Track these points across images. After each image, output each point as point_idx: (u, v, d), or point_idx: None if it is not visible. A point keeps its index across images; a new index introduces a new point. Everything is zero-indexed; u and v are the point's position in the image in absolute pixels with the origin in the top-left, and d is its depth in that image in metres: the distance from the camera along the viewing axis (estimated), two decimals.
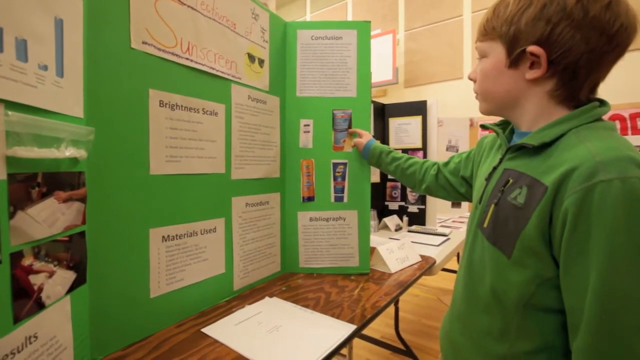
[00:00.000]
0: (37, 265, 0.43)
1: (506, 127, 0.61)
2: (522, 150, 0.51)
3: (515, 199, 0.48)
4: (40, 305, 0.43)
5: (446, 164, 0.88)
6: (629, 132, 3.66)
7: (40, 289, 0.43)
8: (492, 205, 0.53)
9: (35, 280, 0.42)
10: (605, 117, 0.49)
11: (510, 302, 0.49)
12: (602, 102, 0.49)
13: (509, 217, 0.49)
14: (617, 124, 3.71)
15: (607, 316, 0.39)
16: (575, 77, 0.46)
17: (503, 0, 0.52)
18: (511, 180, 0.51)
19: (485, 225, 0.54)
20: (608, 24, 0.43)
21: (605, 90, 0.50)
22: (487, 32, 0.54)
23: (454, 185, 0.83)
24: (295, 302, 0.83)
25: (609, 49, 0.45)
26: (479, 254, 0.55)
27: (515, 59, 0.50)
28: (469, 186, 0.80)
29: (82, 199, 0.51)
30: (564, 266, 0.42)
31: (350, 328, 0.70)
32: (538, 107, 0.50)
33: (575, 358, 0.42)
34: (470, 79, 0.60)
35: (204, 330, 0.69)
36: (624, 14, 0.44)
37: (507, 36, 0.50)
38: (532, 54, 0.47)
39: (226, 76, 0.82)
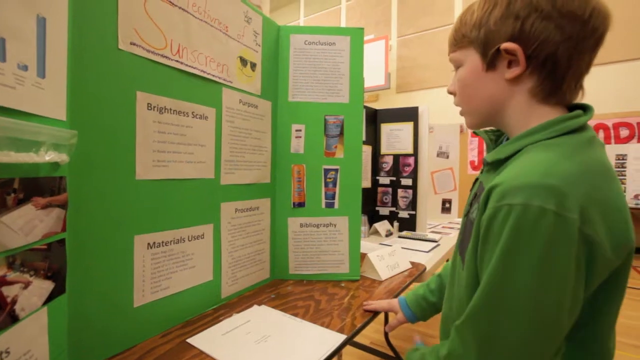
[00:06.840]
0: (12, 275, 0.40)
1: (500, 136, 0.59)
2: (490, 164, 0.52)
3: (473, 213, 0.49)
4: (13, 318, 0.41)
5: None
6: (612, 141, 3.76)
7: (14, 301, 0.41)
8: (463, 217, 0.54)
9: (8, 292, 0.40)
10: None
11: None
12: (585, 109, 0.47)
13: (467, 230, 0.50)
14: (601, 133, 3.81)
15: (486, 311, 0.42)
16: (556, 69, 0.44)
17: (468, 9, 0.51)
18: (477, 194, 0.52)
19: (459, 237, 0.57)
20: (579, 9, 0.42)
21: (589, 100, 0.50)
22: (457, 42, 0.53)
23: None
24: (285, 310, 0.81)
25: (586, 35, 0.43)
26: (456, 265, 0.57)
27: (491, 60, 0.48)
28: None
29: (63, 205, 0.49)
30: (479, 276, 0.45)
31: (340, 338, 0.69)
32: (521, 108, 0.48)
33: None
34: (450, 93, 0.57)
35: (190, 340, 0.67)
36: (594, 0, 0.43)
37: (478, 39, 0.49)
38: (507, 51, 0.46)
39: (217, 79, 0.81)
